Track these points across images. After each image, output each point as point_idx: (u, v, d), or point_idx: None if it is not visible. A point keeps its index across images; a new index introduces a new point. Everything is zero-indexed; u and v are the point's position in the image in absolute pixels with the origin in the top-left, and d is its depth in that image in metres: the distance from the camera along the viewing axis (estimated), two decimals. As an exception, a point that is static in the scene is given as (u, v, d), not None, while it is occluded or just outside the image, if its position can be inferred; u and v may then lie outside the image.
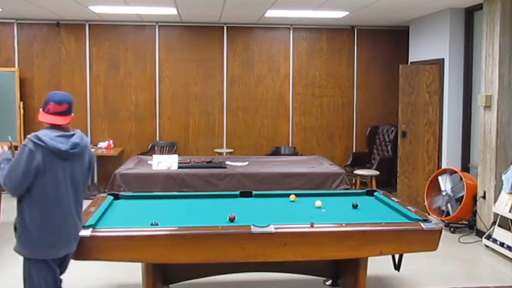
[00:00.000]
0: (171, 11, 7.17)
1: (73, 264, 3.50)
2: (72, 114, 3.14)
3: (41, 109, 3.09)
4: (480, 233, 5.92)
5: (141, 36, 8.38)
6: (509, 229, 5.38)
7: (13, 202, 3.10)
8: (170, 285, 4.16)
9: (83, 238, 3.25)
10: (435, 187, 6.46)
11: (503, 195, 5.52)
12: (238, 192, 4.61)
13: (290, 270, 4.19)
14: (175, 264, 3.90)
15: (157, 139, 8.46)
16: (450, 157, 6.89)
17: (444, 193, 6.27)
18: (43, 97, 3.16)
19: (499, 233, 5.48)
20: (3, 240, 5.42)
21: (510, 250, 5.23)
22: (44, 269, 3.04)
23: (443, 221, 6.03)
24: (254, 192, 4.60)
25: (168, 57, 8.42)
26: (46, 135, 2.98)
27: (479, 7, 6.24)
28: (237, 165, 6.29)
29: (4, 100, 7.92)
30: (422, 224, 3.58)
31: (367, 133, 8.66)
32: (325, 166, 6.27)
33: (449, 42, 6.78)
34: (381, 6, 6.55)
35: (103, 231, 3.38)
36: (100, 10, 7.13)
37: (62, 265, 3.21)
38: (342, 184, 5.84)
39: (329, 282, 4.45)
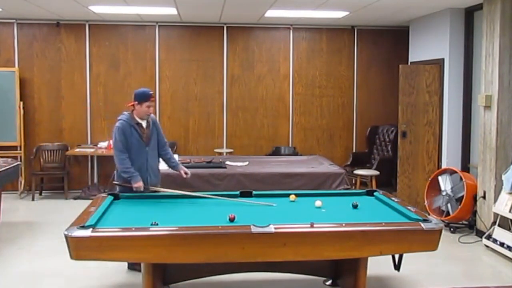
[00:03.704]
0: (171, 11, 7.17)
1: (73, 264, 3.50)
2: (132, 102, 4.96)
3: None
4: (480, 233, 5.92)
5: (141, 36, 8.38)
6: (509, 229, 5.38)
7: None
8: (170, 285, 4.16)
9: (83, 238, 3.25)
10: (435, 187, 6.45)
11: (503, 195, 5.52)
12: (238, 192, 4.60)
13: (290, 270, 4.20)
14: (175, 264, 3.90)
15: (157, 139, 8.45)
16: (450, 157, 6.89)
17: (444, 193, 6.27)
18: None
19: (499, 233, 5.48)
20: (3, 240, 5.39)
21: (510, 250, 5.23)
22: None
23: (443, 221, 6.03)
24: (254, 192, 4.60)
25: (168, 57, 8.42)
26: None
27: (479, 7, 6.24)
28: (237, 165, 6.29)
29: (4, 100, 7.92)
30: (422, 224, 3.57)
31: (367, 133, 8.66)
32: (325, 166, 6.27)
33: (449, 42, 6.78)
34: (381, 6, 6.55)
35: (103, 231, 3.37)
36: (100, 10, 7.13)
37: None
38: (342, 184, 5.84)
39: (329, 282, 4.45)
